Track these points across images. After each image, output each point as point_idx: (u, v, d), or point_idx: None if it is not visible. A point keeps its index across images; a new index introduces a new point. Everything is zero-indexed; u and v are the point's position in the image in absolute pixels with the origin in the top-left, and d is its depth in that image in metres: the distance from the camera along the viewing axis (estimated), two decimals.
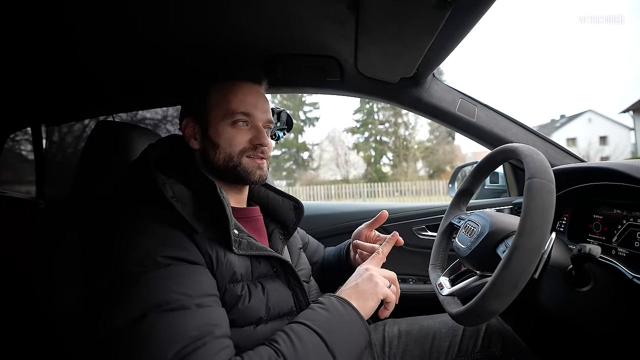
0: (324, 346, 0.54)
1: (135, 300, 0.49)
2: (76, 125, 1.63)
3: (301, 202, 0.80)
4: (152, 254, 0.52)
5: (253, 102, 0.69)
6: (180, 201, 0.58)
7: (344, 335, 0.57)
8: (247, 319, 0.59)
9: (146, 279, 0.50)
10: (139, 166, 0.65)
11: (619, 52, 42.59)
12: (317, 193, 15.07)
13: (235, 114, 0.67)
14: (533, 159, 0.54)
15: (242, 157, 0.68)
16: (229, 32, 0.80)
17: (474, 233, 0.68)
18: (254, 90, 0.71)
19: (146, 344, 0.46)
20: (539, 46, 45.32)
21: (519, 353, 0.77)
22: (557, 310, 0.57)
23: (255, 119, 0.69)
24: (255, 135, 0.69)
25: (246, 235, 0.62)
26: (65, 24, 0.74)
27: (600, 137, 19.53)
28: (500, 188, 1.38)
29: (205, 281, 0.55)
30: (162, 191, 0.57)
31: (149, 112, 1.70)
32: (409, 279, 1.24)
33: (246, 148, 0.68)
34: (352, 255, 0.89)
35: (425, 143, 19.44)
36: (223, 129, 0.68)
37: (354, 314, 0.59)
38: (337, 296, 0.62)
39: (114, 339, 0.48)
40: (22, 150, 1.56)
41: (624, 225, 0.69)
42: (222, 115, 0.68)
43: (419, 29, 0.69)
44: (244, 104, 0.68)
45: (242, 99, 0.68)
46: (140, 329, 0.47)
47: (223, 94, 0.69)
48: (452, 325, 0.83)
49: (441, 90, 1.07)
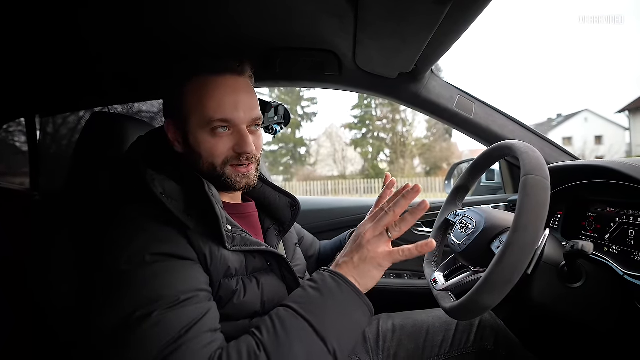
0: (312, 331, 0.49)
1: (126, 298, 0.49)
2: (71, 117, 1.61)
3: (298, 199, 0.79)
4: (142, 251, 0.51)
5: (232, 103, 0.61)
6: (171, 197, 0.56)
7: (336, 317, 0.52)
8: (243, 313, 0.59)
9: (134, 277, 0.50)
10: (129, 161, 0.63)
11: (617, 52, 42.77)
12: (314, 189, 15.08)
13: (213, 122, 0.61)
14: (529, 156, 0.54)
15: (225, 167, 0.63)
16: (227, 25, 0.79)
17: (469, 229, 0.69)
18: (232, 86, 0.63)
19: (134, 341, 0.46)
20: (538, 45, 45.35)
21: (511, 347, 0.78)
22: (549, 306, 0.58)
23: (237, 122, 0.62)
24: (238, 142, 0.63)
25: (239, 230, 0.61)
26: (61, 14, 0.72)
27: (596, 137, 19.67)
28: (496, 185, 1.40)
29: (196, 276, 0.54)
30: (151, 188, 0.56)
31: (145, 105, 1.69)
32: (404, 274, 1.25)
33: (229, 157, 0.63)
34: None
35: (423, 140, 19.48)
36: (203, 138, 0.62)
37: (349, 291, 0.53)
38: (331, 271, 0.55)
39: (104, 335, 0.48)
40: (16, 142, 1.55)
41: (616, 223, 0.69)
42: (199, 124, 0.62)
43: (418, 24, 0.69)
44: (222, 108, 0.61)
45: (220, 102, 0.61)
46: (130, 327, 0.47)
47: (198, 98, 0.61)
48: (445, 320, 0.84)
49: (439, 86, 1.07)
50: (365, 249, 0.55)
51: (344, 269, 0.55)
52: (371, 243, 0.55)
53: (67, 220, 0.69)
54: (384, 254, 0.54)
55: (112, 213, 0.58)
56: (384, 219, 0.55)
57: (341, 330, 0.51)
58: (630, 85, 37.37)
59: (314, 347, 0.49)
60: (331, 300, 0.52)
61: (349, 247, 0.57)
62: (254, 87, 0.70)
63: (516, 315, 0.98)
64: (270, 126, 1.08)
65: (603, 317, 0.58)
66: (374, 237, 0.55)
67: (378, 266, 0.55)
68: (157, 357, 0.45)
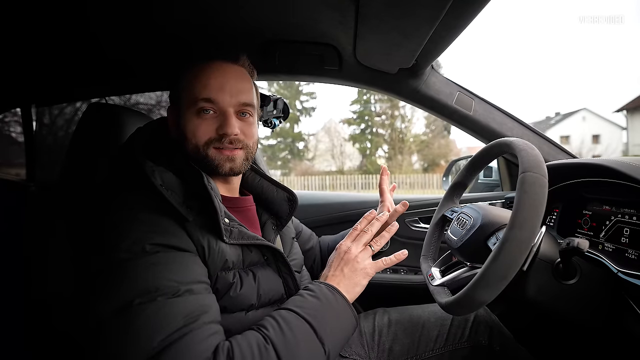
0: (313, 334, 0.54)
1: (125, 287, 0.48)
2: (68, 108, 1.59)
3: (295, 194, 0.79)
4: (142, 241, 0.51)
5: (218, 85, 0.62)
6: (170, 189, 0.56)
7: (333, 323, 0.57)
8: (239, 306, 0.59)
9: (135, 266, 0.50)
10: (127, 152, 0.63)
11: (617, 52, 42.73)
12: (311, 183, 15.08)
13: (198, 101, 0.62)
14: (527, 153, 0.54)
15: (208, 148, 0.63)
16: (227, 15, 0.78)
17: (466, 225, 0.69)
18: (223, 70, 0.64)
19: (134, 330, 0.46)
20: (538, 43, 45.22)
21: (505, 343, 0.79)
22: (543, 302, 0.59)
23: (221, 104, 0.63)
24: (220, 124, 0.63)
25: (237, 224, 0.61)
26: (57, 1, 0.71)
27: (593, 136, 19.75)
28: (494, 182, 1.40)
29: (195, 268, 0.54)
30: (151, 179, 0.56)
31: (143, 97, 1.67)
32: (400, 270, 1.26)
33: (212, 139, 0.63)
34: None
35: (421, 136, 19.48)
36: (189, 118, 0.63)
37: (342, 302, 0.60)
38: (326, 283, 0.62)
39: (102, 324, 0.48)
40: (12, 132, 1.53)
41: (612, 221, 0.70)
42: (188, 104, 0.63)
43: (419, 18, 0.68)
44: (207, 88, 0.62)
45: (205, 83, 0.62)
46: (129, 315, 0.47)
47: (188, 81, 0.64)
48: (441, 315, 0.84)
49: (439, 82, 1.06)
50: (354, 261, 0.65)
51: (335, 282, 0.63)
52: (359, 257, 0.66)
53: (63, 211, 0.68)
54: (370, 264, 0.66)
55: (110, 201, 0.57)
56: (363, 237, 0.67)
57: (335, 335, 0.57)
58: (629, 84, 37.46)
59: (314, 348, 0.54)
60: (328, 308, 0.59)
61: (336, 262, 0.66)
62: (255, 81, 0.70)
63: (511, 311, 0.99)
64: (269, 120, 1.08)
65: (596, 313, 0.59)
66: (360, 252, 0.66)
67: (366, 275, 0.65)
68: (157, 346, 0.45)
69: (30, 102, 1.26)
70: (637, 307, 0.56)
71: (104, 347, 0.47)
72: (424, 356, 0.79)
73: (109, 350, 0.47)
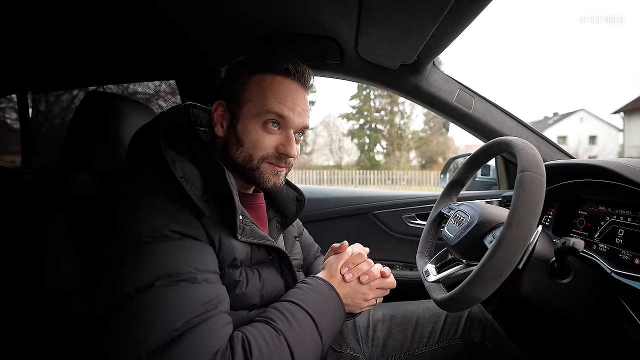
0: (314, 326, 0.56)
1: (146, 269, 0.47)
2: (64, 95, 1.57)
3: (304, 194, 0.78)
4: (162, 227, 0.50)
5: (292, 103, 0.63)
6: (190, 182, 0.55)
7: (329, 317, 0.60)
8: (242, 305, 0.59)
9: (156, 249, 0.49)
10: (148, 137, 0.60)
11: (616, 54, 42.77)
12: (309, 178, 15.06)
13: (269, 113, 0.61)
14: (526, 152, 0.54)
15: (262, 162, 0.63)
16: (228, 6, 0.77)
17: (463, 223, 0.69)
18: (296, 90, 0.64)
19: (155, 311, 0.45)
20: (538, 43, 45.13)
21: (497, 340, 0.80)
22: (537, 300, 0.59)
23: (289, 123, 0.63)
24: (283, 143, 0.63)
25: (249, 221, 0.61)
26: None
27: (590, 137, 19.84)
28: (491, 181, 1.41)
29: (211, 259, 0.54)
30: (171, 170, 0.54)
31: (141, 87, 1.66)
32: (396, 265, 1.27)
33: (269, 155, 0.63)
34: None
35: (420, 133, 19.49)
36: (252, 128, 0.62)
37: (337, 300, 0.63)
38: (324, 279, 0.65)
39: (121, 305, 0.46)
40: (7, 119, 1.51)
41: (607, 222, 0.71)
42: (255, 113, 0.62)
43: (422, 14, 0.68)
44: (282, 104, 0.62)
45: (282, 98, 0.62)
46: (150, 296, 0.46)
47: (261, 89, 0.62)
48: (435, 311, 0.85)
49: (440, 79, 1.06)
50: (356, 296, 0.67)
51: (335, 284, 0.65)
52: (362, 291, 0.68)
53: (61, 200, 0.67)
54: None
55: (126, 187, 0.56)
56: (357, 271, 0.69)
57: (330, 329, 0.60)
58: (627, 86, 37.57)
59: (314, 339, 0.56)
60: (326, 303, 0.61)
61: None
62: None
63: (504, 308, 1.01)
64: None
65: (589, 313, 0.60)
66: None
67: (359, 308, 0.68)
68: (180, 328, 0.45)
69: (26, 89, 1.24)
70: (629, 307, 0.57)
71: (123, 327, 0.45)
72: (418, 351, 0.80)
73: (128, 329, 0.45)
